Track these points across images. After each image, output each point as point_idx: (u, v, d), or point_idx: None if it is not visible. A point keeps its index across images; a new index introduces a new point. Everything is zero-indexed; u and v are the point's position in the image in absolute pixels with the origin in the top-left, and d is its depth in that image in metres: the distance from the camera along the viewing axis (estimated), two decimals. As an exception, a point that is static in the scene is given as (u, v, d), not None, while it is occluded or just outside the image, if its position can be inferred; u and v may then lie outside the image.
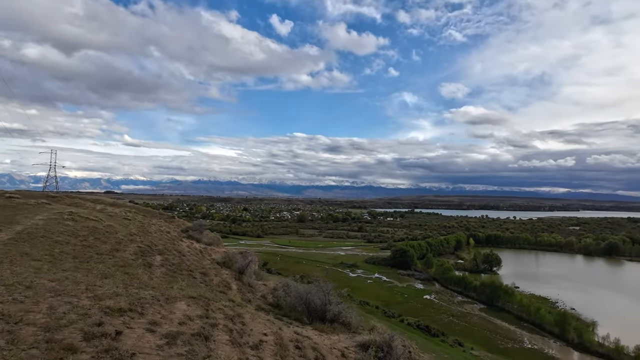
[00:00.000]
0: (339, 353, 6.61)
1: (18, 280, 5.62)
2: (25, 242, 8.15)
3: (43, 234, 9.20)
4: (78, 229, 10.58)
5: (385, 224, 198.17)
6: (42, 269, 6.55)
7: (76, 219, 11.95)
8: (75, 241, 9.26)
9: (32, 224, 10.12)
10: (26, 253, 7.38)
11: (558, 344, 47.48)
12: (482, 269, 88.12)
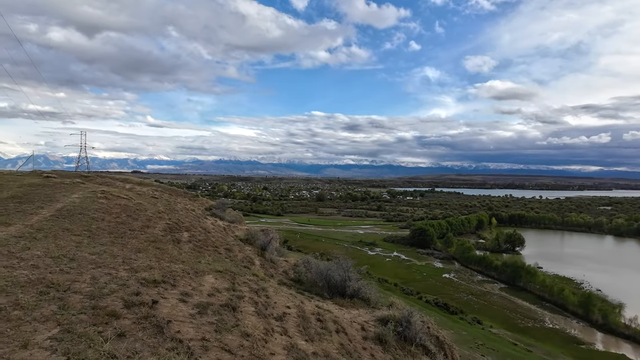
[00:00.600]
0: (359, 326, 6.86)
1: (62, 253, 6.11)
2: (65, 219, 8.75)
3: (80, 211, 9.82)
4: (111, 207, 11.21)
5: (404, 203, 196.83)
6: (82, 243, 7.06)
7: (108, 197, 12.63)
8: (109, 218, 9.85)
9: (70, 202, 10.81)
10: (67, 229, 7.95)
11: (581, 325, 46.82)
12: (504, 248, 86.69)
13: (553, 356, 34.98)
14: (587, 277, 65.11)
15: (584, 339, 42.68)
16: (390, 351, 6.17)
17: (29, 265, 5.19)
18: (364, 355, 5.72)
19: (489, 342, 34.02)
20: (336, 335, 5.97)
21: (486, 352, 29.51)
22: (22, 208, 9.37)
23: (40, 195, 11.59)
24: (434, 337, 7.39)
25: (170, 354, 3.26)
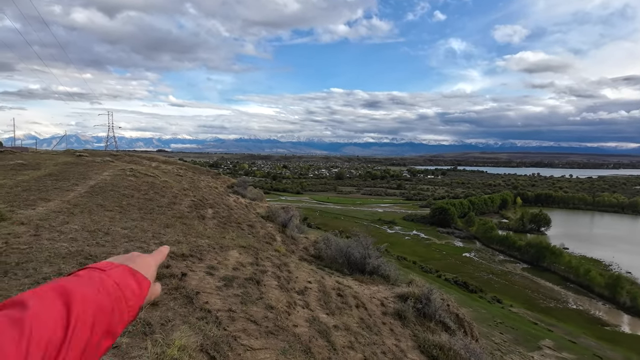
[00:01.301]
0: (379, 302, 6.99)
1: (98, 227, 6.50)
2: (98, 195, 9.23)
3: (111, 188, 10.32)
4: (139, 184, 11.70)
5: (425, 182, 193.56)
6: (115, 218, 7.46)
7: (136, 175, 13.16)
8: (138, 195, 10.30)
9: (102, 179, 11.35)
10: (100, 204, 8.40)
11: (607, 306, 45.67)
12: (529, 229, 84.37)
13: (574, 336, 34.56)
14: (616, 258, 62.69)
15: (609, 320, 41.72)
16: (409, 326, 6.29)
17: (69, 239, 5.57)
18: (383, 329, 5.85)
19: (509, 321, 33.95)
20: (356, 310, 6.12)
21: (505, 330, 29.53)
22: (59, 185, 9.94)
23: (75, 173, 12.23)
24: (454, 314, 7.44)
25: (200, 322, 3.46)
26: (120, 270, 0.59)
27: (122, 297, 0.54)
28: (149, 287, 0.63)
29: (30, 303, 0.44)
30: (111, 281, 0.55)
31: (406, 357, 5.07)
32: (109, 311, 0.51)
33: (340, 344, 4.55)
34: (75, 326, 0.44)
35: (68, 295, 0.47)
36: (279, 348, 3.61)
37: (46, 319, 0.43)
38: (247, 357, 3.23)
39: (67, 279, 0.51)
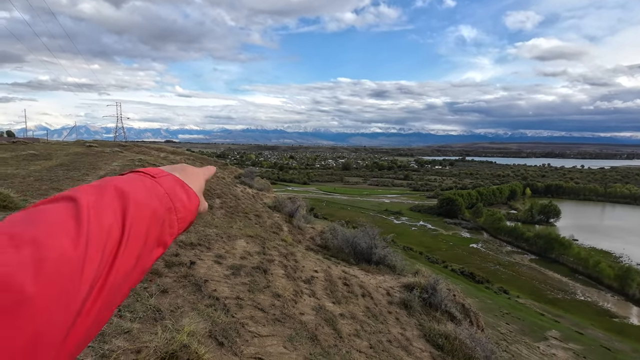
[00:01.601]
0: (384, 291, 7.04)
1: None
2: (108, 185, 9.39)
3: (120, 178, 10.48)
4: (148, 174, 11.85)
5: (432, 173, 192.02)
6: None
7: (145, 166, 13.32)
8: (147, 185, 10.44)
9: (111, 170, 11.52)
10: (110, 194, 8.54)
11: (616, 298, 45.30)
12: (537, 220, 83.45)
13: (582, 327, 34.44)
14: (627, 250, 61.84)
15: (617, 312, 41.42)
16: (415, 316, 6.33)
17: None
18: (389, 318, 5.90)
19: (515, 311, 33.95)
20: (362, 299, 6.17)
21: (511, 321, 29.56)
22: (70, 175, 10.12)
23: (85, 163, 12.42)
24: (460, 304, 7.45)
25: (208, 309, 3.53)
26: (170, 180, 0.55)
27: (172, 208, 0.52)
28: (198, 203, 0.59)
29: (90, 197, 0.43)
30: (162, 190, 0.52)
31: (412, 346, 5.11)
32: (160, 219, 0.49)
33: (346, 331, 4.61)
34: (131, 228, 0.43)
35: (125, 196, 0.45)
36: (285, 335, 3.67)
37: (106, 215, 0.42)
38: (254, 343, 3.29)
39: (121, 180, 0.49)
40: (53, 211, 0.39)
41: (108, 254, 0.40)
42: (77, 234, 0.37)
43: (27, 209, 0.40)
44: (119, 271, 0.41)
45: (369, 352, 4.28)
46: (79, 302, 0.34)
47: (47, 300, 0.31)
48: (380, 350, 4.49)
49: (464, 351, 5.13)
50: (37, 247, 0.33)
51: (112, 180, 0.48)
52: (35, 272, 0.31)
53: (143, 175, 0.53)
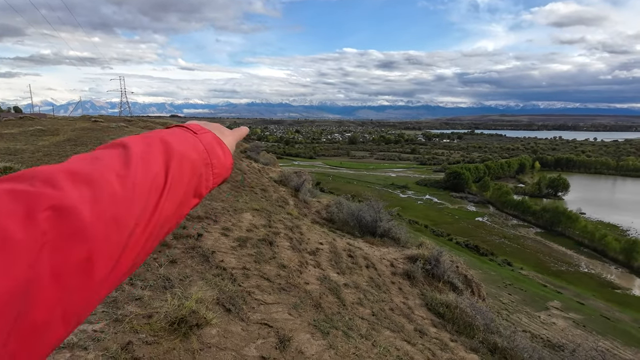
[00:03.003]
0: (388, 263, 7.19)
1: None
2: (115, 160, 9.49)
3: (127, 153, 10.57)
4: (154, 149, 11.92)
5: (440, 146, 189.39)
6: (132, 182, 7.71)
7: (151, 140, 13.38)
8: (153, 159, 10.53)
9: (117, 145, 11.62)
10: (118, 169, 8.66)
11: (619, 270, 45.68)
12: (545, 193, 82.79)
13: (583, 298, 35.11)
14: (635, 224, 61.52)
15: (620, 284, 41.93)
16: (417, 286, 6.49)
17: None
18: (392, 288, 6.07)
19: (518, 283, 34.61)
20: (366, 270, 6.32)
21: (514, 292, 30.23)
22: (77, 150, 10.23)
23: (92, 138, 12.51)
24: (462, 275, 7.60)
25: (216, 279, 3.66)
26: (209, 137, 0.59)
27: (209, 164, 0.55)
28: (232, 161, 0.64)
29: (139, 146, 0.47)
30: (202, 146, 0.55)
31: (413, 314, 5.29)
32: (199, 172, 0.53)
33: (350, 300, 4.76)
34: (173, 177, 0.47)
35: (169, 148, 0.49)
36: (290, 303, 3.81)
37: (152, 163, 0.45)
38: (260, 310, 3.43)
39: (167, 133, 0.53)
40: (107, 155, 0.44)
41: (152, 197, 0.43)
42: (126, 176, 0.41)
43: (87, 153, 0.45)
44: (161, 214, 0.44)
45: (371, 319, 4.44)
46: (125, 236, 0.38)
47: (101, 230, 0.35)
48: (382, 317, 4.65)
49: (464, 319, 5.29)
50: (92, 184, 0.37)
51: (159, 132, 0.53)
52: (92, 205, 0.35)
53: (186, 130, 0.57)
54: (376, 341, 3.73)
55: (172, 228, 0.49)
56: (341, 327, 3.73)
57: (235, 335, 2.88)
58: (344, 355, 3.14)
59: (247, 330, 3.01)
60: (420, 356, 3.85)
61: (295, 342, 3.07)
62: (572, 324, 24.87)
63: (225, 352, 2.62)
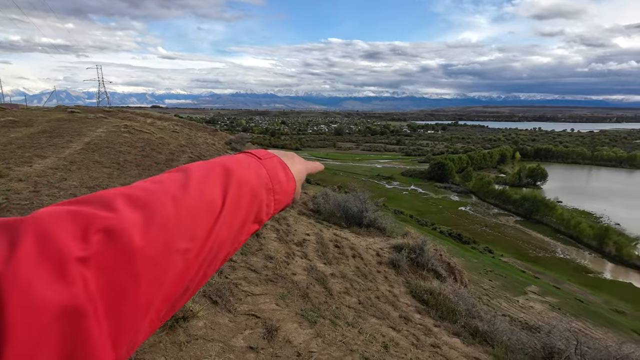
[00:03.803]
0: (374, 252, 7.30)
1: (96, 183, 6.54)
2: (94, 152, 9.17)
3: (107, 144, 10.21)
4: (135, 141, 11.56)
5: (425, 137, 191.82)
6: (112, 175, 7.48)
7: (132, 132, 12.96)
8: (134, 151, 10.23)
9: (96, 136, 11.20)
10: (97, 161, 8.37)
11: (593, 256, 47.95)
12: (525, 183, 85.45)
13: (559, 282, 36.78)
14: (607, 211, 64.47)
15: (593, 268, 44.09)
16: (402, 274, 6.63)
17: (68, 194, 5.63)
18: (378, 277, 6.18)
19: (498, 269, 35.88)
20: (352, 260, 6.41)
21: (494, 278, 31.32)
22: (54, 142, 9.83)
23: (69, 130, 12.02)
24: (445, 263, 7.81)
25: (202, 271, 3.63)
26: (274, 162, 0.59)
27: (271, 189, 0.55)
28: (294, 187, 0.62)
29: (200, 172, 0.47)
30: (264, 171, 0.55)
31: (398, 301, 5.41)
32: (259, 198, 0.52)
33: (337, 289, 4.83)
34: (231, 201, 0.47)
35: (229, 174, 0.49)
36: (277, 293, 3.83)
37: (209, 188, 0.45)
38: (247, 301, 3.43)
39: (228, 158, 0.54)
40: (168, 179, 0.45)
41: (207, 222, 0.43)
42: (181, 200, 0.41)
43: (152, 177, 0.46)
44: (217, 239, 0.44)
45: (357, 307, 4.52)
46: (176, 260, 0.38)
47: (150, 254, 0.35)
48: (369, 305, 4.74)
49: (447, 305, 5.45)
50: (147, 208, 0.38)
51: (222, 158, 0.53)
52: (143, 228, 0.36)
53: (250, 156, 0.57)
54: (362, 328, 3.81)
55: (230, 254, 0.49)
56: (328, 316, 3.78)
57: (222, 326, 2.88)
58: (331, 343, 3.20)
59: (235, 321, 3.02)
60: (405, 342, 3.96)
61: (282, 331, 3.09)
62: (549, 307, 26.06)
63: (212, 343, 2.62)
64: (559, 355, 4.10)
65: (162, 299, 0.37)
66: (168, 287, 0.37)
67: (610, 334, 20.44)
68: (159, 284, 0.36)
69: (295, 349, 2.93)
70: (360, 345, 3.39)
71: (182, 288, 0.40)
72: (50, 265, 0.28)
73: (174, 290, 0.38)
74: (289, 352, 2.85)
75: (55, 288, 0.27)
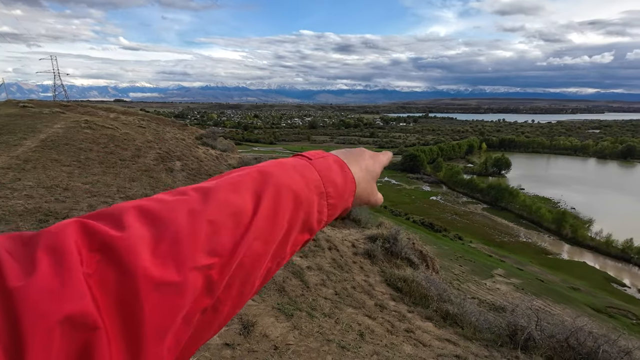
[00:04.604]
0: (350, 244, 7.42)
1: (55, 183, 6.13)
2: (51, 150, 8.57)
3: (66, 141, 9.57)
4: (97, 137, 10.92)
5: (397, 130, 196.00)
6: (73, 173, 7.04)
7: (93, 127, 12.22)
8: (97, 148, 9.67)
9: (53, 132, 10.45)
10: (55, 159, 7.83)
11: (552, 239, 51.49)
12: (491, 172, 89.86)
13: (522, 264, 39.27)
14: (564, 196, 69.30)
15: (552, 250, 47.42)
16: (377, 264, 6.80)
17: (23, 195, 5.23)
18: (353, 267, 6.29)
19: (468, 255, 37.68)
20: (328, 252, 6.47)
21: (464, 263, 32.89)
22: (4, 139, 9.08)
23: (21, 126, 11.14)
24: (418, 251, 8.08)
25: (174, 270, 3.52)
26: (328, 161, 0.52)
27: (323, 193, 0.48)
28: (354, 189, 0.54)
29: (229, 178, 0.42)
30: (315, 173, 0.48)
31: (374, 290, 5.55)
32: (306, 204, 0.45)
33: (313, 282, 4.86)
34: (266, 211, 0.41)
35: (265, 179, 0.43)
36: (253, 289, 3.79)
37: (236, 195, 0.40)
38: (222, 298, 3.37)
39: (271, 162, 0.48)
40: (192, 190, 0.40)
41: (231, 235, 0.37)
42: (200, 212, 0.36)
43: (179, 188, 0.42)
44: (247, 253, 0.38)
45: (334, 298, 4.59)
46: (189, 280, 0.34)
47: (156, 273, 0.31)
48: (345, 295, 4.82)
49: (419, 291, 5.66)
50: (158, 223, 0.34)
51: (264, 163, 0.47)
52: (149, 246, 0.32)
53: (300, 158, 0.51)
54: (339, 318, 3.87)
55: (273, 269, 0.43)
56: (305, 308, 3.81)
57: (196, 325, 2.81)
58: (308, 335, 3.23)
59: (209, 319, 2.96)
60: (380, 329, 4.07)
61: (259, 326, 3.08)
62: (513, 288, 27.78)
63: (186, 343, 2.56)
64: (521, 332, 4.39)
65: (181, 322, 0.33)
66: (187, 309, 0.33)
67: (567, 309, 22.16)
68: (172, 308, 0.32)
69: (272, 342, 2.93)
70: (337, 334, 3.44)
71: (207, 305, 0.35)
72: (62, 279, 0.28)
73: (193, 312, 0.34)
74: (265, 346, 2.85)
75: (68, 301, 0.27)
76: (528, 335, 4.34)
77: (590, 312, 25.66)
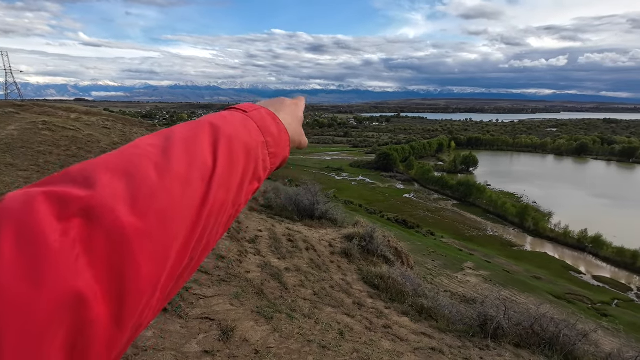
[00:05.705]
0: (327, 244, 7.47)
1: (11, 190, 5.69)
2: (5, 154, 7.95)
3: (22, 144, 8.92)
4: (57, 139, 10.26)
5: (371, 129, 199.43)
6: (31, 178, 6.59)
7: (52, 129, 11.46)
8: (58, 151, 9.09)
9: (7, 135, 9.70)
10: (10, 164, 7.29)
11: (516, 231, 54.51)
12: (460, 169, 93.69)
13: (490, 257, 41.30)
14: (526, 191, 73.62)
15: (516, 242, 50.23)
16: (354, 262, 6.90)
17: (-25, 204, 4.83)
18: (331, 267, 6.35)
19: (440, 250, 39.07)
20: (306, 252, 6.49)
21: (436, 258, 34.07)
22: (-51, 143, 8.32)
23: (-32, 128, 10.25)
24: (393, 248, 8.28)
25: (147, 278, 3.39)
26: (262, 113, 0.54)
27: (263, 142, 0.50)
28: (288, 138, 0.58)
29: (181, 131, 0.43)
30: (253, 124, 0.50)
31: (352, 288, 5.63)
32: (255, 153, 0.48)
33: (292, 283, 4.86)
34: (223, 160, 0.42)
35: (216, 131, 0.44)
36: (231, 293, 3.74)
37: (196, 148, 0.41)
38: (200, 304, 3.31)
39: (213, 116, 0.48)
40: (145, 144, 0.40)
41: (200, 186, 0.39)
42: (165, 166, 0.37)
43: (126, 145, 0.41)
44: (215, 202, 0.40)
45: (313, 298, 4.61)
46: (172, 230, 0.34)
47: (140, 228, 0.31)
48: (324, 295, 4.86)
49: (396, 287, 5.82)
50: (128, 178, 0.34)
51: (205, 117, 0.48)
52: (127, 202, 0.32)
53: (235, 111, 0.52)
54: (319, 318, 3.91)
55: (233, 216, 0.45)
56: (284, 310, 3.80)
57: (173, 334, 2.74)
58: (289, 336, 3.23)
59: (187, 327, 2.89)
60: (359, 326, 4.15)
61: (239, 331, 3.04)
62: (482, 280, 29.14)
63: (163, 352, 2.49)
64: (491, 322, 4.64)
65: (167, 275, 0.34)
66: (172, 261, 0.34)
67: (531, 298, 23.57)
68: (164, 260, 0.33)
69: (253, 346, 2.91)
70: (317, 335, 3.47)
71: (187, 260, 0.37)
72: (36, 257, 0.26)
73: (179, 264, 0.35)
74: (246, 351, 2.82)
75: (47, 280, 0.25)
76: (497, 325, 4.59)
77: (551, 299, 27.45)
